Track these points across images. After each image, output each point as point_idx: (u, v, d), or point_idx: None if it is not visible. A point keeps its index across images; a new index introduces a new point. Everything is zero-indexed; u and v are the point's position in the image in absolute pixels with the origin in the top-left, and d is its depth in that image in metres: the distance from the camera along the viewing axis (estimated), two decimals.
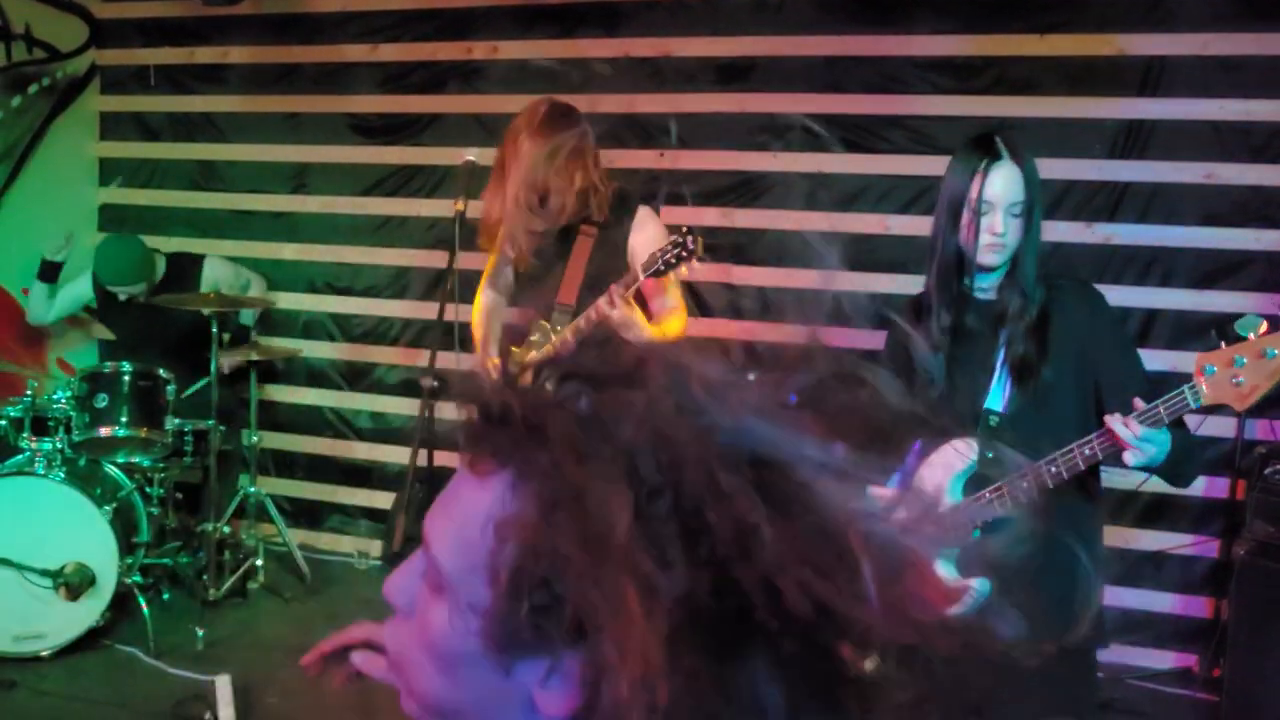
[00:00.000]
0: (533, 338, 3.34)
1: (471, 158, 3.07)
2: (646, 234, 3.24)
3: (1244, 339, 1.98)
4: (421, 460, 2.90)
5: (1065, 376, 2.29)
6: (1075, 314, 2.31)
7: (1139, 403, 2.08)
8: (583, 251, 3.25)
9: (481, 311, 3.53)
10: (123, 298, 4.71)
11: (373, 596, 4.84)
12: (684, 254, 3.07)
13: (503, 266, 3.54)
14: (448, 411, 3.57)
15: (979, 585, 2.32)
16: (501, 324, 3.59)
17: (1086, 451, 2.15)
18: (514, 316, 3.55)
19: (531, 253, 3.29)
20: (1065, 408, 2.30)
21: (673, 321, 3.32)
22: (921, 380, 2.42)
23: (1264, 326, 1.96)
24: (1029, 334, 2.28)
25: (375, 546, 5.14)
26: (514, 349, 3.02)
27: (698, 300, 4.66)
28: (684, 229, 3.07)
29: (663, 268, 3.08)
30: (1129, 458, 2.12)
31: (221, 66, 5.35)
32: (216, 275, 4.87)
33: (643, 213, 3.31)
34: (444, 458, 3.83)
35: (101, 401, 4.20)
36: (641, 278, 3.09)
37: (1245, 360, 1.97)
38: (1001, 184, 2.25)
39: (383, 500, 5.16)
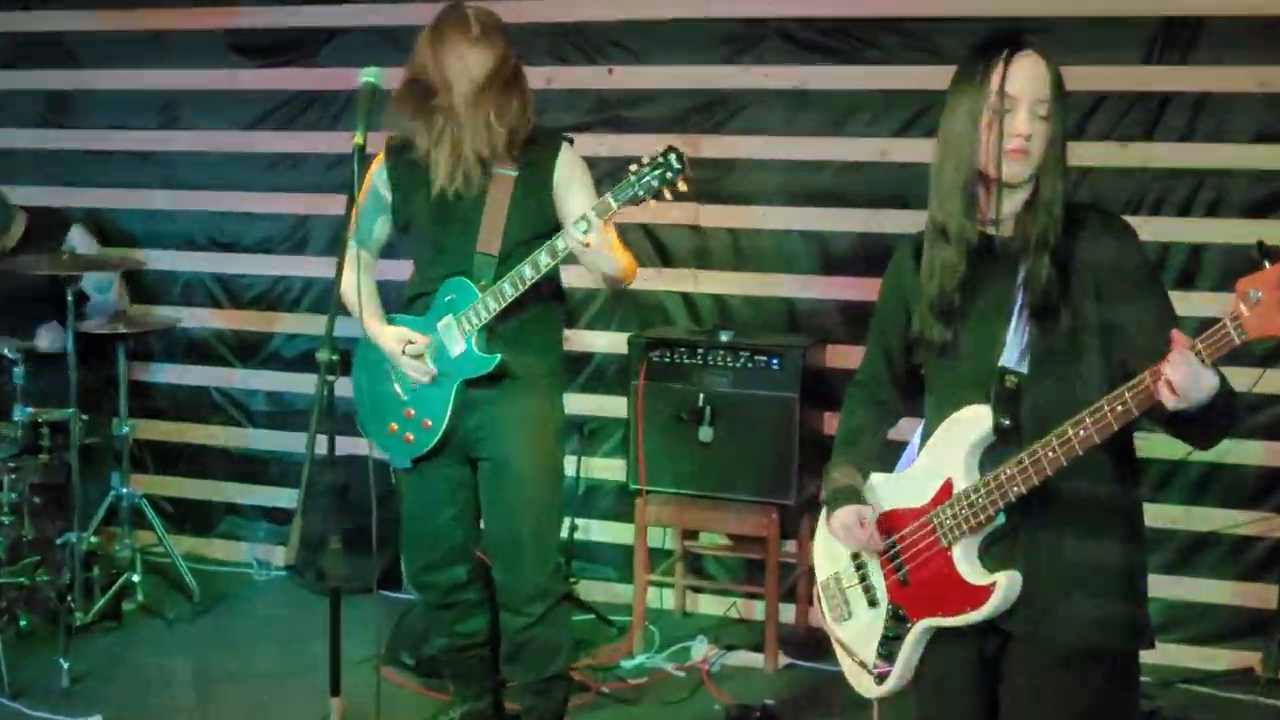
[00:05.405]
0: (448, 298, 3.23)
1: (370, 79, 2.93)
2: (572, 173, 3.27)
3: None
4: (321, 448, 2.80)
5: (1088, 321, 2.23)
6: (1098, 249, 2.24)
7: (1179, 336, 1.98)
8: (502, 194, 3.16)
9: (351, 273, 3.28)
10: None
11: (276, 614, 4.73)
12: (669, 174, 2.98)
13: (371, 212, 3.38)
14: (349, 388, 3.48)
15: (1007, 580, 2.27)
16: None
17: (1119, 407, 2.07)
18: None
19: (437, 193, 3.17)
20: (1091, 361, 2.24)
21: (629, 256, 3.30)
22: (922, 335, 2.36)
23: None
24: (1051, 267, 2.21)
25: (278, 553, 5.05)
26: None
27: (659, 248, 4.59)
28: (667, 147, 3.02)
29: (641, 193, 2.98)
30: (1168, 401, 1.96)
31: None
32: (76, 243, 4.73)
33: (566, 150, 3.31)
34: (349, 444, 3.72)
35: None
36: (615, 207, 3.00)
37: None
38: (1026, 76, 2.18)
39: (285, 498, 5.07)
